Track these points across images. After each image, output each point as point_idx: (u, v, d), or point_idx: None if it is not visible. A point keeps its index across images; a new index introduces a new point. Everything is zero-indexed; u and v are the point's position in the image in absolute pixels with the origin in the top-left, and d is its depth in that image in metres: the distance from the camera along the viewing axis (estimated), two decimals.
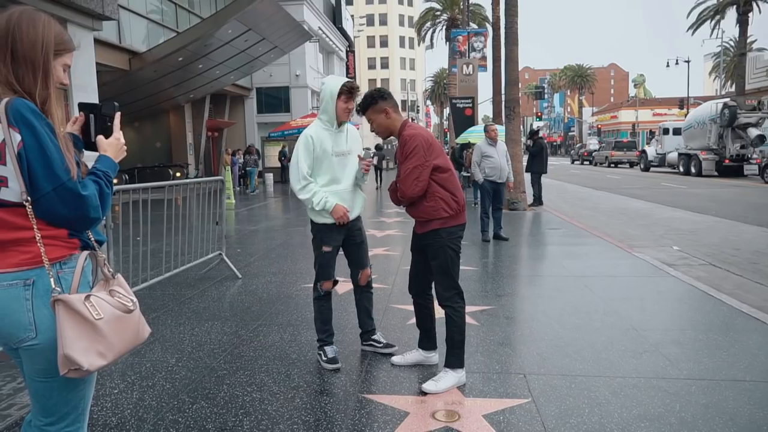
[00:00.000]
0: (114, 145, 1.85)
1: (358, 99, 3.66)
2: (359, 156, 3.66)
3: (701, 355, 3.80)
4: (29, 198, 1.59)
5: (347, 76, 41.10)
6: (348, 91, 3.57)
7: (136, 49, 16.83)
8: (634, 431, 2.78)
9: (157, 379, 3.49)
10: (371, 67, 76.49)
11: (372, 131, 3.58)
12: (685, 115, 36.88)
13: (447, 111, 63.13)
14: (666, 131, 31.87)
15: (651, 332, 4.28)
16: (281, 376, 3.54)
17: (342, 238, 3.69)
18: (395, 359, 3.73)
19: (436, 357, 3.73)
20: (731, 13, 41.26)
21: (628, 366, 3.62)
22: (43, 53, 1.67)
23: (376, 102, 3.47)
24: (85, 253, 1.72)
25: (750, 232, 9.61)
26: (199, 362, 3.78)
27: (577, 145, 58.87)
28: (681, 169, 27.19)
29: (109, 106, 1.91)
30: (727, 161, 24.03)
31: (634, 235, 9.59)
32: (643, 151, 34.62)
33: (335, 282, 3.78)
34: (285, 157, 24.04)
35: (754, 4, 39.84)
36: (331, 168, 3.59)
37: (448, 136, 38.04)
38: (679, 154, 27.65)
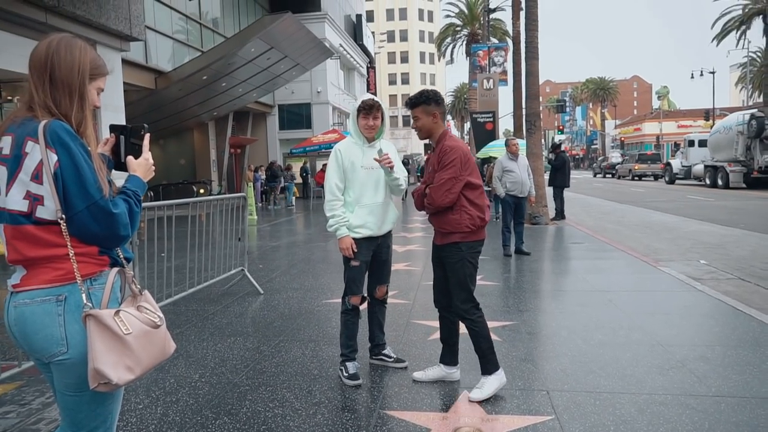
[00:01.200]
0: (143, 165, 1.91)
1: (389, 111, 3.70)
2: (375, 159, 3.57)
3: (730, 372, 3.71)
4: (64, 216, 1.65)
5: (368, 92, 41.48)
6: (365, 108, 3.62)
7: (162, 69, 17.24)
8: None
9: (180, 395, 3.53)
10: (392, 83, 77.00)
11: (413, 128, 3.63)
12: (711, 127, 36.37)
13: (468, 125, 63.15)
14: (691, 143, 31.58)
15: (678, 348, 4.20)
16: (303, 392, 3.55)
17: (371, 254, 3.71)
18: (417, 375, 3.72)
19: (457, 373, 3.71)
20: (757, 23, 40.71)
21: (655, 382, 3.56)
22: (80, 78, 1.74)
23: (429, 103, 3.51)
24: (115, 269, 1.77)
25: None
26: (222, 378, 3.82)
27: (600, 158, 58.41)
28: (707, 182, 26.71)
29: (138, 128, 1.97)
30: (755, 173, 23.49)
31: (660, 248, 9.44)
32: (668, 164, 34.24)
33: (364, 298, 3.79)
34: (307, 174, 24.30)
35: None
36: (360, 182, 3.62)
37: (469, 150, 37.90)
38: (705, 167, 27.22)
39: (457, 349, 3.71)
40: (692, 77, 49.11)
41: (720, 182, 25.31)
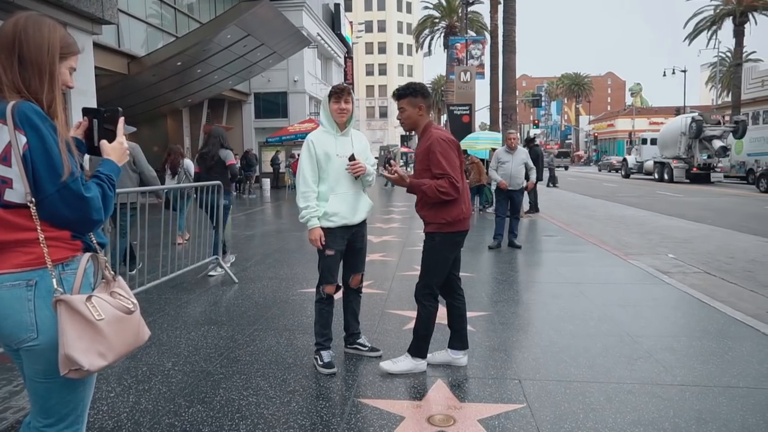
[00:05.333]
0: (117, 150, 1.87)
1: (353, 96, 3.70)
2: (349, 158, 3.61)
3: (695, 362, 3.83)
4: (33, 199, 1.62)
5: (345, 82, 41.25)
6: (336, 92, 3.62)
7: (135, 54, 16.87)
8: None
9: (153, 383, 3.49)
10: (369, 73, 76.70)
11: (398, 119, 3.66)
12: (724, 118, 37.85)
13: (444, 118, 63.25)
14: (644, 141, 35.24)
15: (645, 339, 4.31)
16: (277, 380, 3.55)
17: (345, 243, 3.72)
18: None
19: (464, 359, 3.77)
20: (728, 24, 41.60)
21: (623, 372, 3.65)
22: (50, 57, 1.70)
23: (416, 95, 3.54)
24: (88, 254, 1.74)
25: (745, 241, 9.67)
26: (196, 366, 3.79)
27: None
28: (656, 176, 29.82)
29: (112, 111, 1.94)
30: (695, 169, 26.95)
31: (630, 242, 9.63)
32: (624, 160, 37.43)
33: (338, 287, 3.80)
34: (277, 163, 24.06)
35: (750, 16, 40.20)
36: (334, 171, 3.61)
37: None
38: (655, 162, 30.47)
39: (465, 334, 3.79)
40: (664, 75, 50.06)
41: (666, 177, 28.43)
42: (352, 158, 3.57)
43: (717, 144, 26.19)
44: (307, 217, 3.59)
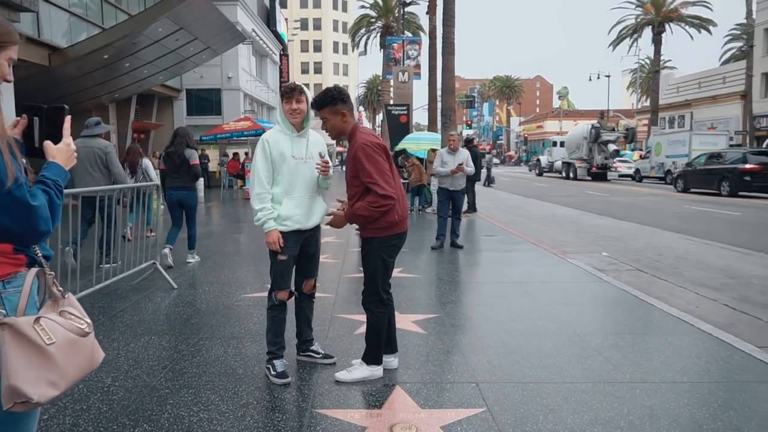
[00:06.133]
0: (64, 152, 1.70)
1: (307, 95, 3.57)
2: (320, 154, 3.55)
3: (640, 359, 3.96)
4: None
5: (280, 81, 40.58)
6: (286, 92, 3.49)
7: (56, 44, 15.84)
8: None
9: (92, 402, 3.24)
10: (304, 71, 75.89)
11: (323, 129, 3.53)
12: (618, 125, 41.55)
13: (380, 117, 63.44)
14: (554, 144, 39.38)
15: (592, 337, 4.43)
16: (228, 393, 3.38)
17: (298, 247, 3.59)
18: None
19: (395, 362, 3.72)
20: (648, 33, 43.99)
21: (575, 371, 3.72)
22: None
23: (335, 103, 3.42)
24: (34, 270, 1.56)
25: (670, 239, 10.20)
26: (138, 381, 3.55)
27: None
28: (564, 174, 34.21)
29: (56, 109, 1.76)
30: (594, 168, 31.43)
31: (566, 241, 9.95)
32: (538, 160, 41.68)
33: (291, 293, 3.66)
34: (204, 162, 23.31)
35: (667, 26, 42.70)
36: (289, 173, 3.48)
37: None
38: (563, 163, 34.86)
39: (394, 338, 3.73)
40: (590, 80, 52.47)
41: (572, 175, 32.76)
42: (321, 155, 3.50)
43: (611, 147, 30.94)
44: (264, 220, 3.44)
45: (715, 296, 6.09)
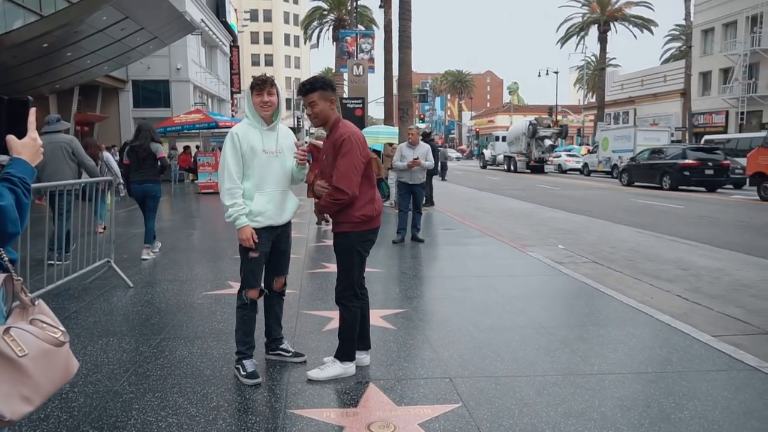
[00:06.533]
0: (30, 147, 1.57)
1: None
2: (296, 143, 3.49)
3: (606, 350, 4.05)
4: None
5: (231, 72, 39.69)
6: (258, 84, 3.39)
7: None
8: (564, 429, 2.88)
9: (50, 410, 3.06)
10: (255, 63, 74.46)
11: (308, 114, 3.45)
12: (554, 122, 43.12)
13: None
14: (497, 138, 40.96)
15: (557, 329, 4.50)
16: (197, 395, 3.26)
17: (270, 244, 3.48)
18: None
19: (367, 358, 3.69)
20: (594, 31, 45.25)
21: (545, 364, 3.77)
22: None
23: (326, 88, 3.40)
24: (1, 276, 1.43)
25: (621, 231, 10.53)
26: (99, 386, 3.38)
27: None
28: (505, 167, 36.41)
29: (19, 101, 1.62)
30: (532, 161, 33.75)
31: (523, 234, 10.13)
32: (482, 153, 44.55)
33: (262, 291, 3.56)
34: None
35: (612, 25, 44.06)
36: (260, 168, 3.37)
37: None
38: (504, 156, 37.12)
39: (367, 334, 3.70)
40: (539, 75, 53.52)
41: (512, 168, 34.98)
42: (299, 144, 3.44)
43: (547, 143, 33.65)
44: (235, 215, 3.31)
45: (668, 287, 6.31)
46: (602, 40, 44.02)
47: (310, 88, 3.39)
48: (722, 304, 5.61)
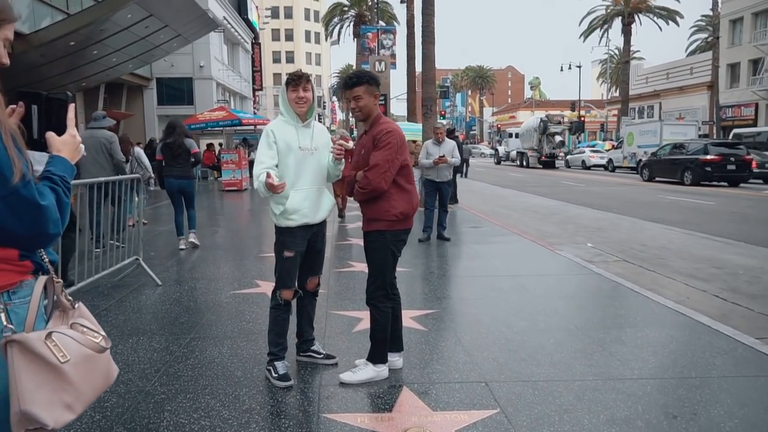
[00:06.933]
0: (69, 144, 1.51)
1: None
2: (332, 138, 3.44)
3: (645, 353, 3.91)
4: None
5: (253, 70, 39.86)
6: (293, 80, 3.34)
7: (19, 30, 15.17)
8: None
9: (84, 411, 3.03)
10: (276, 60, 74.85)
11: (352, 108, 3.40)
12: (578, 117, 42.66)
13: None
14: (511, 135, 41.39)
15: (594, 331, 4.37)
16: (229, 397, 3.21)
17: (306, 243, 3.42)
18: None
19: (400, 361, 3.60)
20: (618, 24, 44.47)
21: (583, 368, 3.65)
22: None
23: (372, 83, 3.37)
24: (43, 278, 1.38)
25: (651, 229, 10.28)
26: (131, 386, 3.36)
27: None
28: (518, 163, 37.10)
29: (59, 96, 1.57)
30: (543, 158, 34.62)
31: (550, 232, 9.95)
32: (496, 149, 44.94)
33: (296, 292, 3.50)
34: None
35: (636, 17, 43.26)
36: (296, 164, 3.30)
37: (355, 132, 38.13)
38: (517, 152, 37.76)
39: (399, 335, 3.61)
40: (561, 70, 52.79)
41: (525, 163, 35.74)
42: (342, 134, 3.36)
43: (557, 139, 34.49)
44: (258, 174, 3.18)
45: (704, 287, 6.12)
46: (626, 32, 43.22)
47: (356, 81, 3.35)
48: (763, 304, 5.41)
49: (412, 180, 3.49)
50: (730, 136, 27.05)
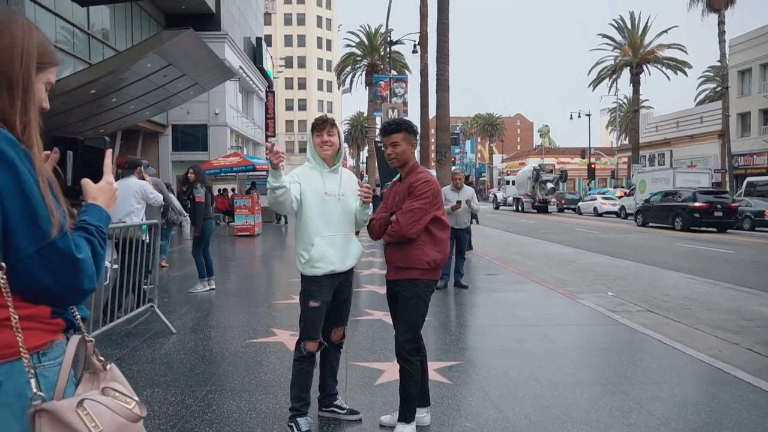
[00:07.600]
0: (105, 192, 1.44)
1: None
2: (359, 182, 3.38)
3: (687, 412, 3.70)
4: (3, 264, 1.15)
5: (266, 117, 40.59)
6: (318, 125, 3.29)
7: None
8: None
9: None
10: (289, 108, 76.37)
11: (388, 154, 3.37)
12: (588, 164, 43.24)
13: (363, 154, 63.69)
14: (508, 182, 45.53)
15: (628, 386, 4.17)
16: None
17: (332, 293, 3.31)
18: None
19: (428, 417, 3.43)
20: (626, 74, 45.06)
21: (621, 427, 3.45)
22: (24, 67, 1.26)
23: (410, 132, 3.38)
24: (76, 338, 1.28)
25: (672, 278, 10.06)
26: None
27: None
28: (514, 207, 40.55)
29: (95, 142, 1.50)
30: (537, 203, 37.73)
31: (568, 280, 9.76)
32: (495, 195, 49.16)
33: (321, 344, 3.36)
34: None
35: (645, 67, 43.88)
36: (321, 210, 3.22)
37: (366, 178, 38.42)
38: (514, 198, 41.46)
39: (426, 389, 3.45)
40: (571, 118, 53.31)
41: (520, 208, 38.82)
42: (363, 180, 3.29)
43: (549, 186, 37.45)
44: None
45: (735, 339, 5.89)
46: (635, 82, 43.76)
47: (396, 128, 3.35)
48: None
49: (446, 229, 3.38)
50: (743, 185, 26.96)
